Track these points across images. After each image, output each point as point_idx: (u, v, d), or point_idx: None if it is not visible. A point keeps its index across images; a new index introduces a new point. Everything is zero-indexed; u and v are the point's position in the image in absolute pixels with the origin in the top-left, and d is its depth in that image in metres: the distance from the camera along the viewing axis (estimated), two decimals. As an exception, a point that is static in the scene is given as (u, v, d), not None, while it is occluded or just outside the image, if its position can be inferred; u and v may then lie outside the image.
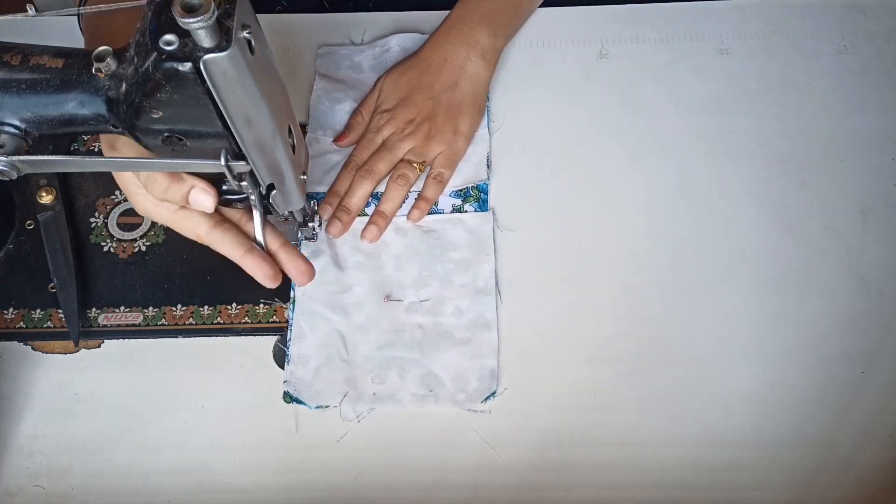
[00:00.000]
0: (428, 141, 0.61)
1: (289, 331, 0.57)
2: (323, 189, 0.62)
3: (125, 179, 0.49)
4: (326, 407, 0.55)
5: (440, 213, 0.62)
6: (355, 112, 0.65)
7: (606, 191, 0.63)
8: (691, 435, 0.54)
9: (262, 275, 0.50)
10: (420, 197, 0.62)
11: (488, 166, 0.63)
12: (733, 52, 0.69)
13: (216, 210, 0.51)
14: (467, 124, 0.63)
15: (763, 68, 0.68)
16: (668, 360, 0.57)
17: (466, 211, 0.61)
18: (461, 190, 0.62)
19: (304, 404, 0.54)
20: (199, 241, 0.51)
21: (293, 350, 0.56)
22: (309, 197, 0.60)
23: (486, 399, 0.55)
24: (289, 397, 0.55)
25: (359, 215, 0.61)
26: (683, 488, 0.53)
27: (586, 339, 0.57)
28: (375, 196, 0.62)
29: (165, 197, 0.46)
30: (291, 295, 0.58)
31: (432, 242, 0.60)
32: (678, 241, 0.61)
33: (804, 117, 0.66)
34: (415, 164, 0.61)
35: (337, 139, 0.64)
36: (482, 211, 0.61)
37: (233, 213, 0.52)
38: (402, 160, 0.61)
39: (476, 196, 0.62)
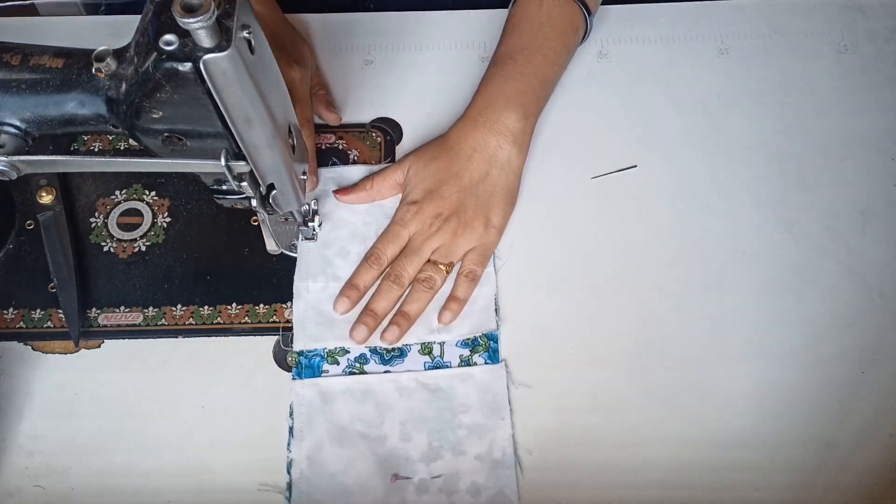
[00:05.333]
0: (456, 238, 0.58)
1: None
2: (319, 346, 0.56)
3: None
4: None
5: (447, 366, 0.56)
6: (368, 177, 0.62)
7: (606, 191, 0.63)
8: (691, 435, 0.54)
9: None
10: (451, 297, 0.58)
11: (497, 312, 0.58)
12: (733, 52, 0.69)
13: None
14: (499, 216, 0.59)
15: (763, 68, 0.68)
16: (668, 360, 0.56)
17: (476, 363, 0.56)
18: (468, 339, 0.57)
19: None
20: None
21: None
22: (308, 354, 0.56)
23: None
24: None
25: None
26: (683, 488, 0.53)
27: (586, 339, 0.57)
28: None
29: None
30: (287, 479, 0.52)
31: (440, 405, 0.54)
32: (678, 241, 0.61)
33: (804, 117, 0.66)
34: (441, 266, 0.58)
35: (340, 192, 0.61)
36: (493, 363, 0.56)
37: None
38: (428, 260, 0.58)
39: (485, 345, 0.56)
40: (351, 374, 0.56)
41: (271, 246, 0.58)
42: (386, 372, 0.56)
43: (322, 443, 0.53)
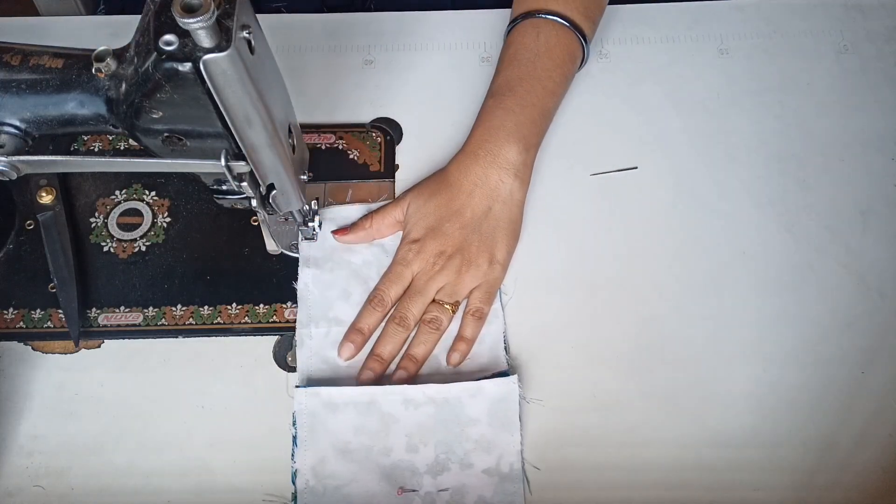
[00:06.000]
0: (461, 276, 0.57)
1: None
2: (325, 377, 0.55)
3: None
4: None
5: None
6: (367, 216, 0.60)
7: (606, 191, 0.63)
8: (691, 435, 0.54)
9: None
10: (458, 337, 0.57)
11: (506, 350, 0.57)
12: (733, 52, 0.69)
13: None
14: (503, 251, 0.58)
15: (763, 68, 0.68)
16: (668, 360, 0.56)
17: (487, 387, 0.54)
18: (478, 380, 0.55)
19: None
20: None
21: None
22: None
23: None
24: None
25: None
26: (683, 488, 0.53)
27: (586, 339, 0.57)
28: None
29: None
30: (293, 490, 0.52)
31: (448, 418, 0.53)
32: (678, 242, 0.61)
33: (804, 117, 0.66)
34: (447, 306, 0.57)
35: (339, 232, 0.60)
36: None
37: None
38: (433, 301, 0.57)
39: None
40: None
41: (271, 246, 0.58)
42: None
43: (326, 454, 0.52)
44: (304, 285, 0.58)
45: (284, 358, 0.57)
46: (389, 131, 0.66)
